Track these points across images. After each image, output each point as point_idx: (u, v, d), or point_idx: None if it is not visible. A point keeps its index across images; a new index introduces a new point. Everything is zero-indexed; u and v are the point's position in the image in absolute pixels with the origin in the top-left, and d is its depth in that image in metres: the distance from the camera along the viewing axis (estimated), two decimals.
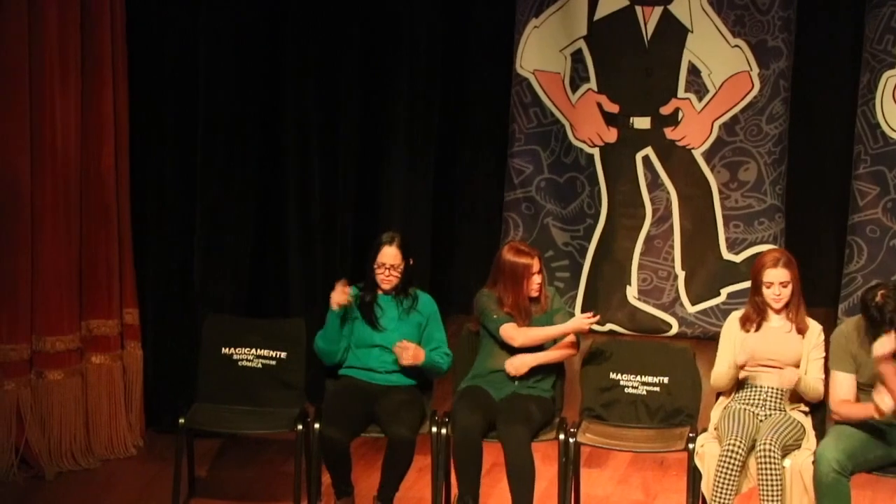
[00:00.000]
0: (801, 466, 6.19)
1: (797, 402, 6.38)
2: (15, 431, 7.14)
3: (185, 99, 7.73)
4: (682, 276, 9.82)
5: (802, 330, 6.42)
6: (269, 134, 8.14)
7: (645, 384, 6.68)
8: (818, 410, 6.43)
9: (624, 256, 9.87)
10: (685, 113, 9.73)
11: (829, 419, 6.36)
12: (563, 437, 6.49)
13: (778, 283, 6.40)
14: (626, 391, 6.68)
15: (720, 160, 9.72)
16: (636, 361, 6.72)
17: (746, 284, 6.92)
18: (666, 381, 6.66)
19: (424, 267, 8.76)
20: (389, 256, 6.65)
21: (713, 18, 9.63)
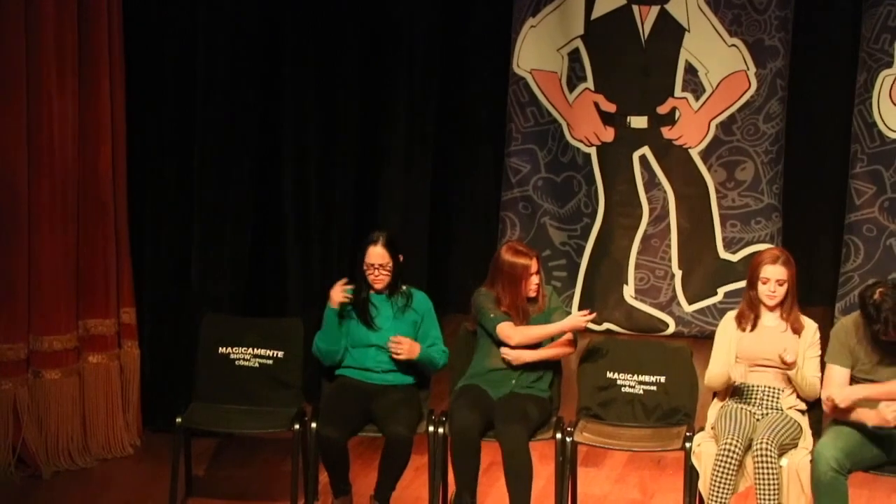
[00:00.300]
0: (797, 465, 6.19)
1: (794, 401, 6.39)
2: (12, 431, 7.13)
3: (182, 99, 7.72)
4: (678, 275, 9.82)
5: (798, 330, 6.42)
6: (267, 133, 8.13)
7: (642, 383, 6.68)
8: (815, 409, 6.43)
9: (621, 255, 9.87)
10: (682, 112, 9.73)
11: (825, 417, 6.36)
12: (560, 436, 6.49)
13: (774, 280, 6.40)
14: (622, 390, 6.68)
15: (717, 159, 9.72)
16: (633, 361, 6.72)
17: (743, 284, 6.90)
18: (663, 380, 6.66)
19: (422, 266, 8.77)
20: (376, 256, 6.65)
21: (710, 18, 9.63)
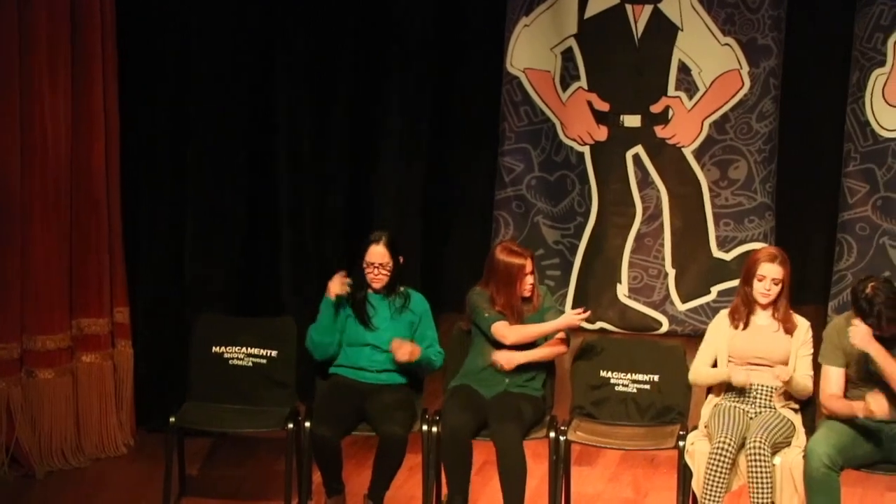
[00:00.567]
0: (791, 464, 6.20)
1: (787, 399, 6.39)
2: (5, 430, 7.12)
3: (176, 96, 7.72)
4: (672, 274, 9.82)
5: (790, 329, 6.44)
6: (261, 132, 8.13)
7: (635, 382, 6.68)
8: (808, 408, 6.44)
9: (614, 254, 9.87)
10: (675, 111, 9.73)
11: (818, 416, 6.37)
12: (553, 435, 6.50)
13: (770, 278, 6.41)
14: (616, 389, 6.69)
15: (710, 158, 9.72)
16: (626, 359, 6.73)
17: (736, 282, 6.91)
18: (656, 378, 6.67)
19: (416, 265, 8.76)
20: (377, 255, 6.66)
21: (703, 17, 9.62)
